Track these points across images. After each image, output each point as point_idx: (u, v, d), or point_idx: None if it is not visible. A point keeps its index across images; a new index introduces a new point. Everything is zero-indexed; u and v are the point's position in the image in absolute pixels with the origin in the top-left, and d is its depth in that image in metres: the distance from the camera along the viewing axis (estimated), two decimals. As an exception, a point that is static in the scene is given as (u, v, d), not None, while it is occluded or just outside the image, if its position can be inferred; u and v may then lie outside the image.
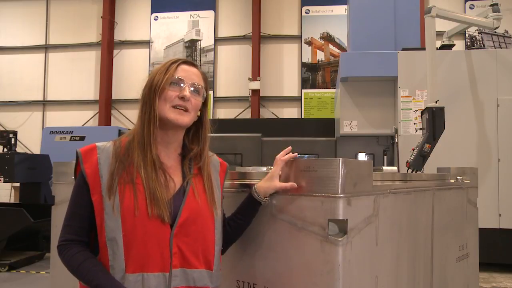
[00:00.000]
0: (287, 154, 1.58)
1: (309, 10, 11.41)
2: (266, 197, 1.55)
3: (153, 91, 1.40)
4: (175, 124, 1.40)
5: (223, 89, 11.66)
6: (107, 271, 1.29)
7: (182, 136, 1.49)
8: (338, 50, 11.09)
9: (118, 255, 1.29)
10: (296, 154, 1.58)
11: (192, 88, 1.43)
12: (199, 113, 1.48)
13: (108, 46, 11.77)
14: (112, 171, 1.33)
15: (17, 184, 7.99)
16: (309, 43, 11.36)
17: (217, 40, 11.74)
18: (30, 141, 11.75)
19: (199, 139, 1.51)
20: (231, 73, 11.64)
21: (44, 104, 12.37)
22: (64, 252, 1.33)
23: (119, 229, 1.29)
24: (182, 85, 1.41)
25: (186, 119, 1.41)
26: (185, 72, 1.43)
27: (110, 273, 1.29)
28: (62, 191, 2.38)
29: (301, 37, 11.40)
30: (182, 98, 1.40)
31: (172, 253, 1.33)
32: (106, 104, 11.70)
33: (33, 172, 6.82)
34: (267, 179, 1.56)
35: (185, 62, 1.46)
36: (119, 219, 1.29)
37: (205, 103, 1.50)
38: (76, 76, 12.23)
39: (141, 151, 1.37)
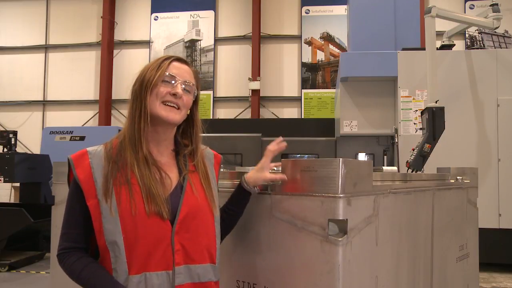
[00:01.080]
0: (277, 145, 1.58)
1: (309, 10, 11.41)
2: (255, 187, 1.56)
3: (144, 87, 1.38)
4: (165, 121, 1.39)
5: (223, 89, 11.66)
6: (109, 274, 1.29)
7: (173, 133, 1.48)
8: (338, 50, 11.09)
9: (120, 258, 1.28)
10: (284, 144, 1.57)
11: (184, 86, 1.42)
12: (188, 111, 1.48)
13: (108, 46, 11.77)
14: (106, 173, 1.32)
15: (17, 184, 8.00)
16: (309, 43, 11.36)
17: (217, 40, 11.74)
18: (30, 141, 11.75)
19: (190, 137, 1.50)
20: (231, 73, 11.64)
21: (44, 104, 12.37)
22: (64, 261, 1.33)
23: (118, 232, 1.28)
24: (174, 82, 1.40)
25: (177, 116, 1.41)
26: (177, 69, 1.43)
27: (112, 276, 1.28)
28: (62, 191, 2.38)
29: (301, 37, 11.40)
30: (174, 95, 1.39)
31: (175, 251, 1.32)
32: (106, 104, 11.70)
33: (33, 172, 6.82)
34: (257, 170, 1.56)
35: (177, 59, 1.45)
36: (118, 222, 1.28)
37: (195, 102, 1.49)
38: (76, 76, 12.24)
39: (133, 149, 1.36)
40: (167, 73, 1.40)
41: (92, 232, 1.32)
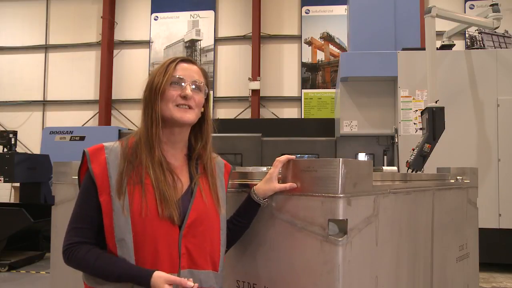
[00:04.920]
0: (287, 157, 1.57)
1: (309, 10, 11.41)
2: (265, 199, 1.55)
3: (154, 93, 1.39)
4: (181, 122, 1.40)
5: (223, 89, 11.66)
6: (126, 260, 1.28)
7: (188, 134, 1.48)
8: (338, 50, 11.08)
9: (127, 257, 1.28)
10: (293, 157, 1.57)
11: (193, 86, 1.42)
12: (202, 109, 1.48)
13: (108, 46, 11.77)
14: (121, 171, 1.33)
15: (17, 184, 7.99)
16: (309, 43, 11.36)
17: (217, 40, 11.74)
18: (30, 141, 11.75)
19: (202, 135, 1.51)
20: (231, 73, 11.64)
21: (44, 104, 12.37)
22: (73, 255, 1.30)
23: (128, 230, 1.28)
24: (182, 84, 1.41)
25: (191, 116, 1.41)
26: (185, 70, 1.43)
27: (128, 261, 1.28)
28: (62, 191, 2.38)
29: (301, 37, 11.40)
30: (184, 97, 1.39)
31: (181, 254, 1.33)
32: (106, 104, 11.70)
33: (33, 172, 6.82)
34: (266, 181, 1.55)
35: (183, 60, 1.45)
36: (128, 220, 1.29)
37: (207, 99, 1.50)
38: (76, 76, 12.23)
39: (148, 153, 1.37)
40: (175, 76, 1.40)
41: (102, 228, 1.32)
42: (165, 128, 1.40)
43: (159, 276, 1.23)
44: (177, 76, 1.41)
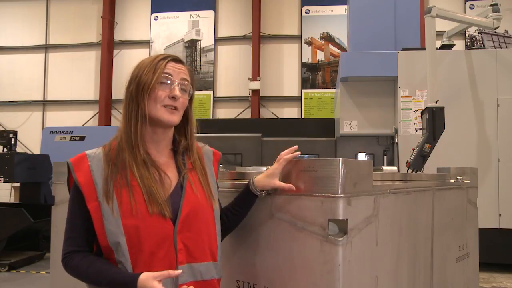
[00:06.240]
0: (291, 153, 1.55)
1: (309, 10, 11.41)
2: (263, 191, 1.55)
3: (141, 90, 1.37)
4: (167, 123, 1.40)
5: (223, 89, 11.66)
6: (115, 266, 1.29)
7: (172, 133, 1.48)
8: (338, 50, 11.08)
9: (124, 259, 1.28)
10: (299, 153, 1.55)
11: (181, 86, 1.42)
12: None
13: (108, 46, 11.77)
14: (106, 176, 1.32)
15: (17, 184, 7.99)
16: (309, 43, 11.36)
17: (217, 40, 11.74)
18: (30, 141, 11.75)
19: (185, 135, 1.50)
20: (231, 73, 11.64)
21: (44, 104, 12.37)
22: (69, 263, 1.33)
23: (121, 233, 1.28)
24: (171, 83, 1.40)
25: (176, 118, 1.41)
26: (174, 70, 1.42)
27: (119, 267, 1.29)
28: (62, 191, 2.38)
29: (301, 37, 11.40)
30: (173, 97, 1.39)
31: (178, 250, 1.33)
32: (106, 104, 11.70)
33: (33, 172, 6.82)
34: (267, 175, 1.54)
35: (173, 59, 1.45)
36: (119, 223, 1.28)
37: (190, 100, 1.49)
38: (76, 76, 12.23)
39: (131, 151, 1.36)
40: (164, 75, 1.39)
41: (95, 235, 1.33)
42: (149, 127, 1.40)
43: (146, 276, 1.23)
44: (167, 75, 1.40)
